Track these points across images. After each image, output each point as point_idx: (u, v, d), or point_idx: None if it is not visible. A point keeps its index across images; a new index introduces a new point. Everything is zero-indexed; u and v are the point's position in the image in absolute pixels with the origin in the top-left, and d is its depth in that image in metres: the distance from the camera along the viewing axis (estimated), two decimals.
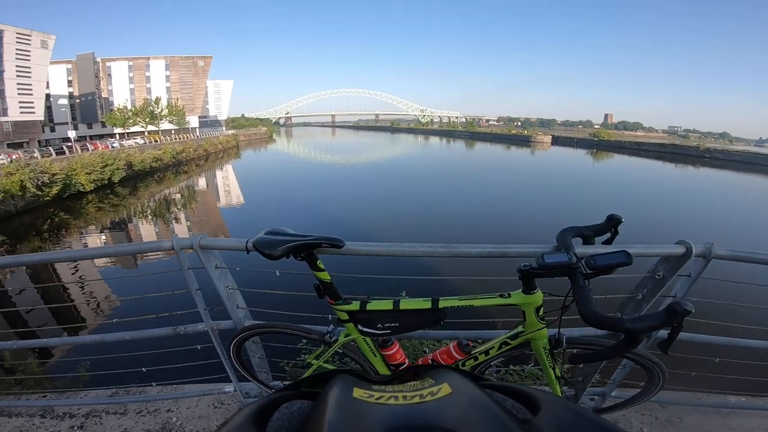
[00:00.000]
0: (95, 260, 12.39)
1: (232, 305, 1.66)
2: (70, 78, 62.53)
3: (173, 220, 19.54)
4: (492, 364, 1.49)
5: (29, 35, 43.65)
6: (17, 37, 42.50)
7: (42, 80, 45.85)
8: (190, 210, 20.90)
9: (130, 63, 69.54)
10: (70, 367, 2.83)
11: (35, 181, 20.83)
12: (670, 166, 48.91)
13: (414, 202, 20.11)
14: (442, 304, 1.24)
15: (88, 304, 9.45)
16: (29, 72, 43.63)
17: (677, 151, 63.25)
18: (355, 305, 1.32)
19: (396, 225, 15.60)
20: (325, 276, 1.33)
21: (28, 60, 43.55)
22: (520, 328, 1.30)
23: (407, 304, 1.27)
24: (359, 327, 1.34)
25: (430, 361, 1.42)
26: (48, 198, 21.60)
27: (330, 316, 1.46)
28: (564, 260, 1.07)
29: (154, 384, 2.00)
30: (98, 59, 65.98)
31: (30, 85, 43.78)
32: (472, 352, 1.36)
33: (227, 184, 32.39)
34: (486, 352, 1.36)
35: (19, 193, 19.88)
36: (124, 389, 2.15)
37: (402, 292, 3.27)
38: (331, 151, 61.01)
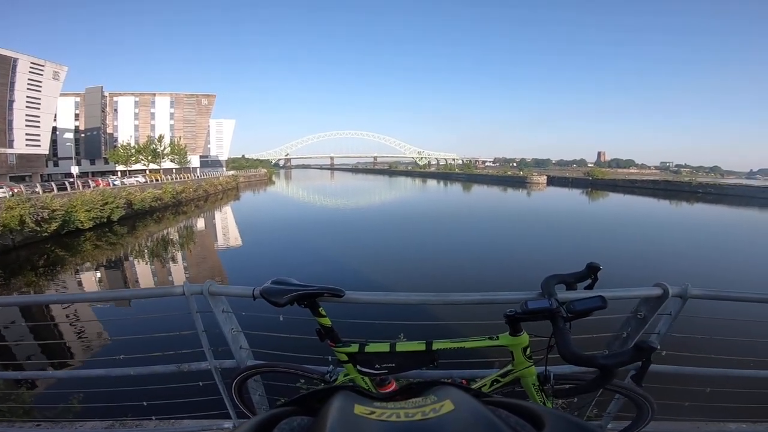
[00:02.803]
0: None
1: (235, 346, 1.73)
2: (77, 111, 63.31)
3: (170, 261, 19.42)
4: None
5: (42, 65, 43.66)
6: (30, 67, 42.46)
7: (50, 112, 45.59)
8: (187, 251, 20.84)
9: (137, 98, 70.81)
10: (68, 397, 2.80)
11: (35, 216, 20.94)
12: (664, 202, 49.43)
13: (411, 247, 20.14)
14: (435, 346, 1.33)
15: (90, 338, 9.49)
16: (39, 103, 43.30)
17: (670, 187, 64.06)
18: (354, 348, 1.40)
19: (392, 268, 15.64)
20: (327, 321, 1.43)
21: (39, 91, 43.31)
22: (509, 367, 1.37)
23: (403, 346, 1.36)
24: (358, 367, 1.41)
25: None
26: (46, 234, 21.60)
27: (329, 357, 1.52)
28: (545, 306, 1.17)
29: (153, 417, 2.00)
30: (106, 93, 67.12)
31: (38, 117, 43.42)
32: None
33: (226, 226, 32.38)
34: (480, 389, 1.41)
35: (18, 228, 19.91)
36: (121, 421, 2.13)
37: (400, 334, 3.33)
38: (329, 195, 61.55)
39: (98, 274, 16.66)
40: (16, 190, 25.44)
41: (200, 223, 33.42)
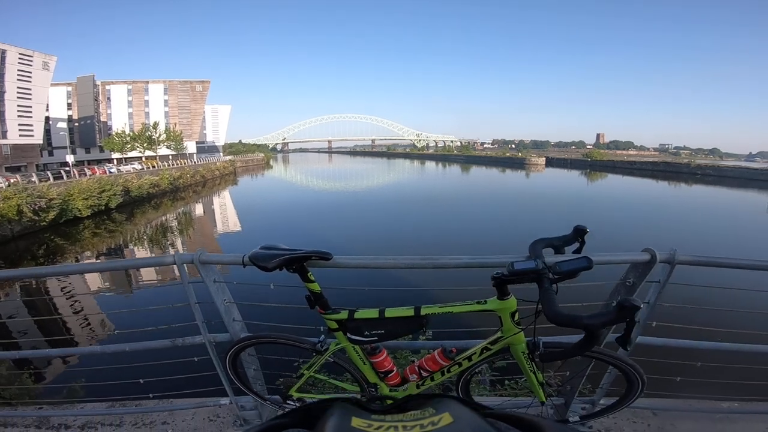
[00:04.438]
0: (99, 275, 13.13)
1: (228, 318, 1.73)
2: (69, 101, 62.95)
3: (169, 247, 19.46)
4: (477, 371, 1.54)
5: (31, 56, 43.76)
6: (19, 58, 42.55)
7: (42, 102, 45.76)
8: (186, 237, 20.87)
9: (129, 86, 70.24)
10: (68, 379, 2.84)
11: (32, 205, 20.80)
12: (662, 183, 49.47)
13: (407, 230, 20.18)
14: (424, 311, 1.34)
15: (89, 317, 9.75)
16: (30, 94, 43.49)
17: (669, 169, 63.98)
18: (343, 314, 1.41)
19: (389, 246, 15.76)
20: (316, 287, 1.42)
21: (29, 81, 43.48)
22: (498, 334, 1.37)
23: (392, 312, 1.36)
24: (348, 335, 1.42)
25: (417, 369, 1.48)
26: (44, 223, 21.50)
27: (321, 327, 1.52)
28: (531, 267, 1.16)
29: (151, 396, 2.03)
30: (98, 82, 66.62)
31: (30, 107, 43.64)
32: (456, 358, 1.43)
33: (224, 210, 32.38)
34: (469, 358, 1.43)
35: (16, 218, 19.83)
36: (120, 402, 2.17)
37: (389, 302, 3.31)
38: (328, 178, 61.35)
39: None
40: (12, 181, 25.27)
41: (198, 209, 33.38)
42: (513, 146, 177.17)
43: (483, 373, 2.87)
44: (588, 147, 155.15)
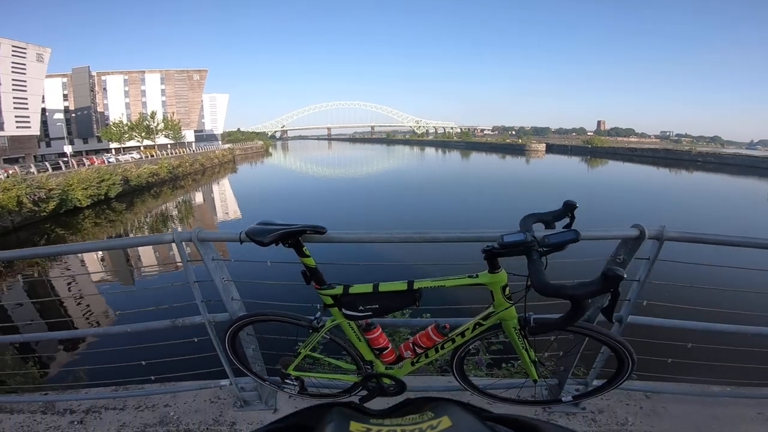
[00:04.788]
0: (98, 257, 13.84)
1: (227, 297, 1.75)
2: (65, 92, 63.03)
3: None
4: (471, 349, 1.57)
5: (25, 48, 43.77)
6: (13, 50, 42.57)
7: (38, 94, 45.86)
8: (186, 225, 20.89)
9: (125, 77, 70.12)
10: (73, 363, 2.90)
11: (32, 196, 20.77)
12: (663, 170, 49.39)
13: (409, 217, 20.23)
14: (417, 285, 1.35)
15: (91, 300, 9.97)
16: (25, 86, 43.63)
17: (670, 156, 63.72)
18: (338, 289, 1.43)
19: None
20: (311, 262, 1.44)
21: (24, 74, 43.61)
22: (490, 309, 1.39)
23: (386, 286, 1.39)
24: (343, 311, 1.45)
25: (411, 345, 1.51)
26: (44, 213, 21.50)
27: (318, 305, 1.55)
28: (521, 239, 1.17)
29: (153, 378, 2.06)
30: (93, 73, 66.50)
31: (26, 99, 43.81)
32: (449, 334, 1.45)
33: (224, 198, 32.39)
34: (462, 334, 1.45)
35: (16, 209, 19.83)
36: (123, 386, 2.21)
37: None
38: (327, 165, 61.24)
39: (95, 258, 16.77)
40: (11, 172, 25.20)
41: (198, 197, 33.37)
42: (513, 133, 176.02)
43: (480, 355, 2.93)
44: (589, 134, 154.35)
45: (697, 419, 1.96)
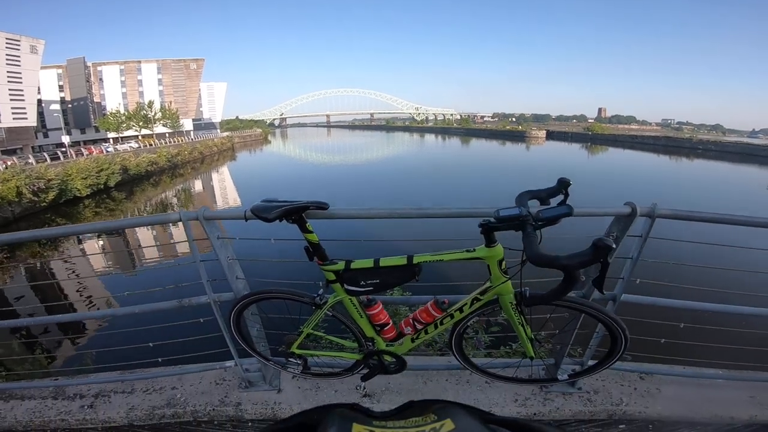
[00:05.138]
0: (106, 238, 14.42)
1: (232, 276, 1.78)
2: (61, 83, 62.64)
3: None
4: (469, 324, 1.60)
5: (18, 40, 43.61)
6: (6, 43, 42.38)
7: (33, 86, 45.90)
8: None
9: (122, 67, 69.79)
10: (82, 347, 2.95)
11: (31, 187, 20.72)
12: (663, 157, 49.28)
13: (411, 201, 20.28)
14: (416, 260, 1.39)
15: (99, 282, 10.22)
16: (20, 77, 43.64)
17: (671, 143, 63.47)
18: (340, 265, 1.47)
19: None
20: (314, 237, 1.47)
21: (19, 65, 43.58)
22: (487, 284, 1.43)
23: (386, 261, 1.42)
24: (345, 286, 1.49)
25: (411, 321, 1.55)
26: (44, 204, 21.48)
27: (320, 282, 1.58)
28: (516, 213, 1.21)
29: (160, 359, 2.10)
30: (89, 64, 65.99)
31: (21, 90, 43.85)
32: (448, 310, 1.49)
33: (223, 186, 32.40)
34: (460, 309, 1.49)
35: (16, 200, 19.80)
36: (130, 370, 2.25)
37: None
38: (327, 152, 61.11)
39: (101, 242, 16.81)
40: (9, 163, 25.14)
41: (198, 185, 33.37)
42: (514, 119, 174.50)
43: (479, 335, 2.98)
44: (589, 121, 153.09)
45: (690, 401, 2.00)
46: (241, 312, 1.76)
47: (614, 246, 1.00)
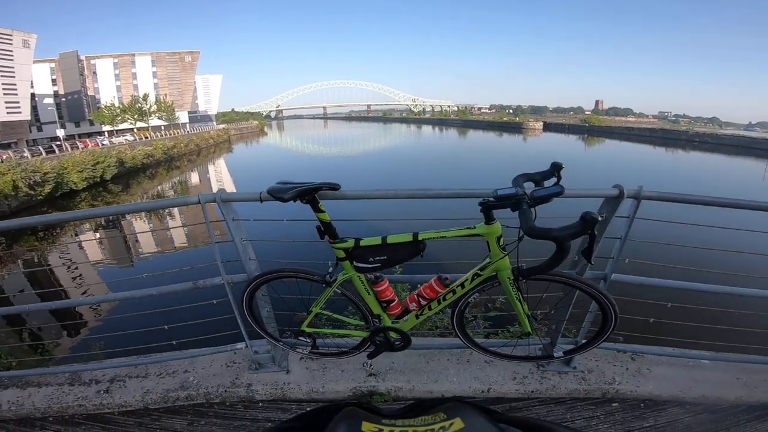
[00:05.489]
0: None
1: (245, 257, 1.85)
2: (54, 77, 62.12)
3: (168, 216, 19.48)
4: (470, 301, 1.69)
5: (10, 35, 43.26)
6: None
7: (26, 80, 45.53)
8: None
9: (115, 60, 69.30)
10: (98, 331, 3.02)
11: (27, 180, 20.69)
12: (659, 149, 49.50)
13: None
14: (421, 236, 1.48)
15: (114, 265, 10.50)
16: (13, 72, 43.31)
17: (667, 135, 63.58)
18: (350, 243, 1.55)
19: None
20: (326, 217, 1.55)
21: (11, 60, 43.22)
22: (487, 260, 1.52)
23: (393, 238, 1.51)
24: (354, 263, 1.57)
25: (416, 297, 1.64)
26: (41, 197, 21.47)
27: (329, 262, 1.66)
28: (512, 192, 1.31)
29: (174, 342, 2.18)
30: (82, 57, 65.43)
31: (14, 85, 43.53)
32: (450, 285, 1.59)
33: (220, 178, 32.36)
34: (462, 285, 1.58)
35: (12, 193, 19.78)
36: (144, 354, 2.33)
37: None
38: (323, 143, 61.01)
39: (97, 234, 16.80)
40: (5, 157, 24.99)
41: (194, 177, 33.34)
42: (511, 111, 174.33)
43: (479, 321, 3.07)
44: (587, 113, 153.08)
45: (678, 382, 2.10)
46: (254, 293, 1.84)
47: (600, 218, 1.09)
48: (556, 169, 1.49)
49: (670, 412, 1.98)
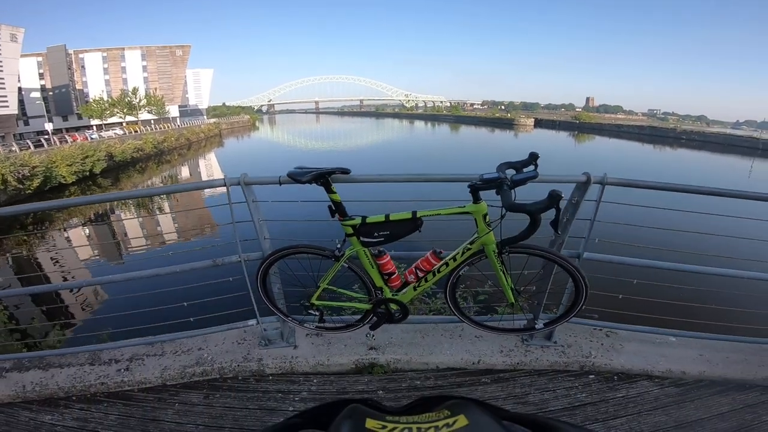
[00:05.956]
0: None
1: (261, 236, 2.05)
2: (41, 71, 61.06)
3: (157, 210, 19.39)
4: (461, 274, 1.90)
5: None
6: None
7: (14, 74, 45.06)
8: (173, 200, 20.75)
9: (104, 54, 68.37)
10: (119, 307, 3.14)
11: (16, 174, 20.53)
12: (647, 146, 50.36)
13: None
14: (419, 214, 1.72)
15: (137, 243, 11.39)
16: (0, 66, 42.77)
17: (655, 133, 64.81)
18: (357, 220, 1.76)
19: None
20: (337, 197, 1.76)
21: None
22: (475, 235, 1.75)
23: (395, 216, 1.74)
24: (360, 239, 1.78)
25: (414, 269, 1.85)
26: (30, 191, 21.31)
27: (336, 240, 1.87)
28: (495, 176, 1.54)
29: (192, 319, 2.34)
30: (70, 51, 64.37)
31: (2, 78, 43.09)
32: (444, 258, 1.81)
33: (211, 172, 32.22)
34: (454, 258, 1.80)
35: (1, 187, 19.66)
36: (160, 334, 2.48)
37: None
38: (316, 138, 60.93)
39: (86, 231, 16.74)
40: None
41: (185, 171, 33.19)
42: (503, 107, 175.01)
43: (468, 302, 3.30)
44: (578, 110, 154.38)
45: (648, 357, 2.32)
46: (267, 270, 2.03)
47: (562, 195, 1.33)
48: (533, 158, 1.73)
49: (640, 384, 2.18)
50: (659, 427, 1.87)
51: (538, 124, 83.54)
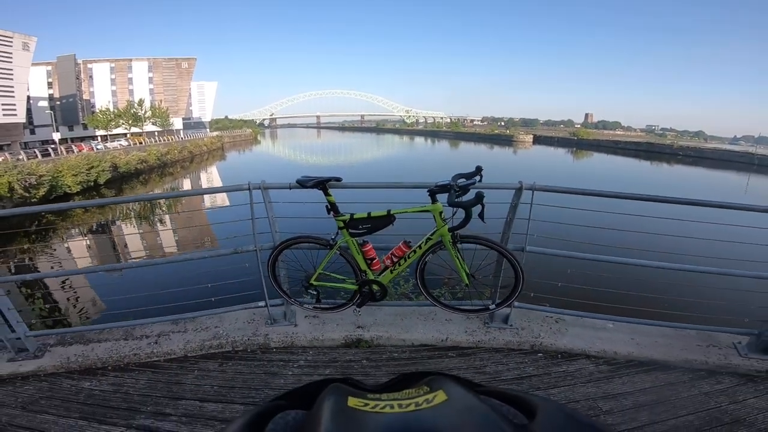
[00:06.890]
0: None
1: (273, 230, 2.58)
2: (50, 80, 61.87)
3: (158, 222, 19.76)
4: (427, 261, 2.38)
5: (11, 37, 43.50)
6: None
7: (23, 82, 45.65)
8: (174, 212, 21.19)
9: (112, 65, 69.53)
10: (151, 287, 3.63)
11: (23, 182, 20.98)
12: (644, 163, 50.90)
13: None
14: (393, 212, 2.25)
15: (175, 234, 13.74)
16: (11, 74, 43.49)
17: (652, 149, 65.61)
18: (347, 216, 2.29)
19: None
20: (332, 199, 2.29)
21: (10, 62, 43.43)
22: (434, 229, 2.27)
23: (375, 213, 2.26)
24: (349, 230, 2.31)
25: (390, 256, 2.36)
26: (35, 200, 21.68)
27: (330, 233, 2.39)
28: (446, 183, 2.08)
29: (213, 299, 2.82)
30: (79, 61, 65.49)
31: (12, 87, 43.62)
32: (413, 246, 2.33)
33: (212, 185, 32.57)
34: (420, 246, 2.31)
35: (8, 195, 20.06)
36: (183, 312, 2.94)
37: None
38: (317, 153, 61.85)
39: (87, 241, 17.04)
40: (1, 159, 25.21)
41: (187, 184, 33.68)
42: (502, 123, 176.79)
43: (436, 288, 3.81)
44: (576, 126, 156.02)
45: (586, 339, 2.74)
46: (276, 258, 2.54)
47: (484, 194, 1.83)
48: (479, 170, 2.25)
49: (579, 362, 2.60)
50: (589, 397, 2.25)
51: (537, 140, 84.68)
